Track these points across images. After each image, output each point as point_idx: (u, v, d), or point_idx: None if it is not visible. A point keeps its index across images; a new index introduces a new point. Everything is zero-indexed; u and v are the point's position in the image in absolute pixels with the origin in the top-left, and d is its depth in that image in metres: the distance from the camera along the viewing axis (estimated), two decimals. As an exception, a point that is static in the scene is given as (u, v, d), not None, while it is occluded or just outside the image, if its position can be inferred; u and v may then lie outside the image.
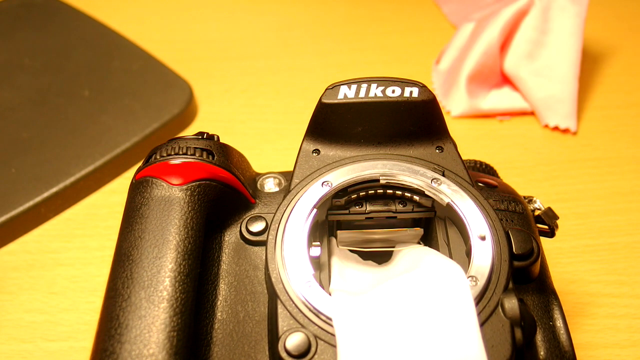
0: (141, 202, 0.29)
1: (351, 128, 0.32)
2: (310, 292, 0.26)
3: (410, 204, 0.31)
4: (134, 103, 0.53)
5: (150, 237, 0.27)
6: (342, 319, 0.25)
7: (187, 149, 0.31)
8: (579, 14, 0.56)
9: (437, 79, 0.60)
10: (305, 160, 0.32)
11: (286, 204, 0.30)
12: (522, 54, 0.56)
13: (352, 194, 0.31)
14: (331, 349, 0.24)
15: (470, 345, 0.23)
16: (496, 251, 0.28)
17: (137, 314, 0.25)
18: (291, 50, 0.64)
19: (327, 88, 0.31)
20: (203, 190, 0.30)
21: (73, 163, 0.48)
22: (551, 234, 0.34)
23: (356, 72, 0.35)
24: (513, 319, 0.25)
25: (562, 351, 0.28)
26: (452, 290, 0.25)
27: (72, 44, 0.60)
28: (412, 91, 0.31)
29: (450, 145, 0.32)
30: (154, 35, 0.65)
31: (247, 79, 0.60)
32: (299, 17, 0.69)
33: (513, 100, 0.57)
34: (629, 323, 0.40)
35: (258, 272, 0.30)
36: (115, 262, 0.28)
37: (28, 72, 0.56)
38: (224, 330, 0.28)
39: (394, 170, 0.31)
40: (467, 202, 0.29)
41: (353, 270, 0.30)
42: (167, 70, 0.57)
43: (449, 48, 0.60)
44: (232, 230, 0.31)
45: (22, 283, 0.42)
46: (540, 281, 0.30)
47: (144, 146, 0.50)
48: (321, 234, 0.31)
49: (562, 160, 0.52)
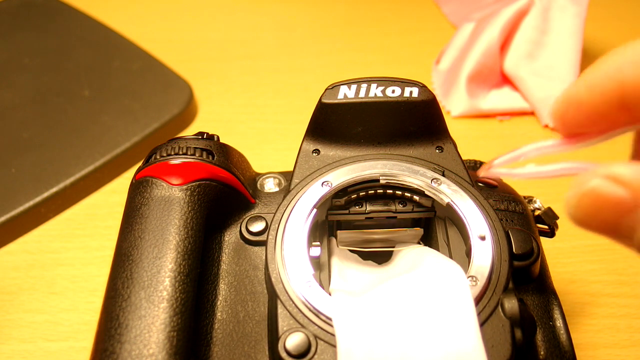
0: (141, 202, 0.29)
1: (351, 128, 0.32)
2: (310, 292, 0.26)
3: (410, 204, 0.31)
4: (134, 103, 0.53)
5: (150, 237, 0.27)
6: (342, 319, 0.25)
7: (187, 149, 0.31)
8: (579, 14, 0.56)
9: (437, 79, 0.60)
10: (305, 160, 0.32)
11: (286, 204, 0.30)
12: (522, 54, 0.56)
13: (352, 194, 0.31)
14: (331, 349, 0.24)
15: (470, 345, 0.23)
16: (496, 251, 0.28)
17: (137, 314, 0.25)
18: (291, 50, 0.64)
19: (327, 88, 0.31)
20: (203, 190, 0.30)
21: (73, 163, 0.48)
22: (551, 234, 0.34)
23: (356, 72, 0.35)
24: (513, 319, 0.25)
25: (562, 351, 0.28)
26: (452, 290, 0.25)
27: (72, 44, 0.60)
28: (412, 91, 0.31)
29: (450, 145, 0.32)
30: (154, 35, 0.65)
31: (247, 79, 0.60)
32: (299, 17, 0.69)
33: (513, 100, 0.57)
34: (629, 323, 0.40)
35: (258, 272, 0.30)
36: (115, 262, 0.28)
37: (28, 72, 0.56)
38: (224, 330, 0.28)
39: (394, 170, 0.31)
40: (467, 202, 0.29)
41: (353, 270, 0.30)
42: (167, 70, 0.57)
43: (449, 48, 0.60)
44: (232, 230, 0.31)
45: (22, 283, 0.42)
46: (540, 281, 0.30)
47: (144, 146, 0.50)
48: (321, 234, 0.31)
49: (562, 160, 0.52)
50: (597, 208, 0.18)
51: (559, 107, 0.21)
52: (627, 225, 0.18)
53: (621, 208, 0.18)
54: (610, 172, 0.18)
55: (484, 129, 0.55)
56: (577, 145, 0.21)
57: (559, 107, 0.21)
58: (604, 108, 0.19)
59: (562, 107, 0.20)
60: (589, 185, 0.18)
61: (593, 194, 0.18)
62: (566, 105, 0.20)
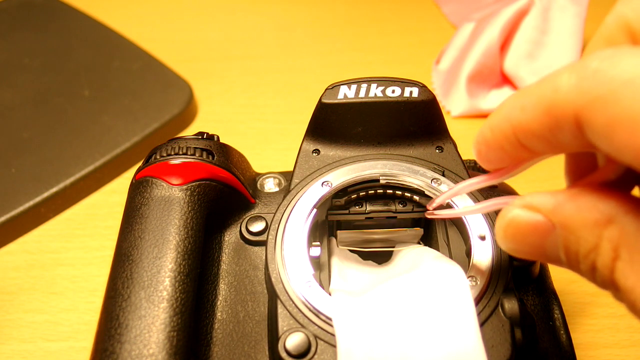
0: (141, 202, 0.29)
1: (351, 128, 0.32)
2: (310, 292, 0.26)
3: (410, 204, 0.31)
4: (134, 103, 0.53)
5: (150, 237, 0.27)
6: (342, 319, 0.25)
7: (187, 149, 0.31)
8: (579, 14, 0.56)
9: (437, 79, 0.60)
10: (305, 160, 0.32)
11: (286, 204, 0.30)
12: (522, 54, 0.56)
13: (352, 194, 0.31)
14: (331, 349, 0.24)
15: (470, 345, 0.23)
16: (496, 251, 0.28)
17: (137, 314, 0.25)
18: (291, 50, 0.64)
19: (327, 88, 0.32)
20: (203, 190, 0.30)
21: (73, 163, 0.48)
22: (551, 234, 0.34)
23: (356, 72, 0.35)
24: (513, 319, 0.25)
25: (562, 351, 0.28)
26: (452, 290, 0.25)
27: (72, 44, 0.60)
28: (412, 91, 0.31)
29: (450, 145, 0.32)
30: (154, 35, 0.65)
31: (247, 79, 0.60)
32: (299, 17, 0.69)
33: (513, 100, 0.57)
34: (629, 323, 0.40)
35: (258, 272, 0.30)
36: (115, 262, 0.28)
37: (28, 72, 0.56)
38: (224, 330, 0.28)
39: (394, 170, 0.31)
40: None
41: (353, 270, 0.30)
42: (167, 70, 0.57)
43: (449, 48, 0.60)
44: (232, 230, 0.31)
45: (22, 283, 0.42)
46: (540, 281, 0.30)
47: (144, 146, 0.50)
48: (321, 234, 0.31)
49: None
50: (521, 235, 0.20)
51: (475, 147, 0.23)
52: (551, 246, 0.20)
53: (541, 231, 0.20)
54: (526, 202, 0.20)
55: (484, 129, 0.55)
56: (500, 179, 0.24)
57: (474, 147, 0.23)
58: (507, 146, 0.21)
59: (477, 146, 0.23)
60: (509, 216, 0.21)
61: (514, 223, 0.20)
62: (479, 145, 0.22)
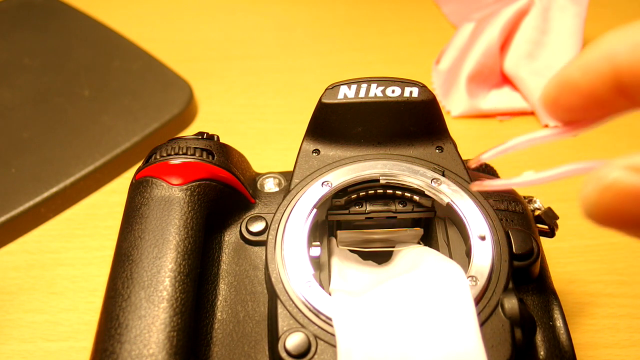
0: (141, 202, 0.29)
1: (351, 128, 0.32)
2: (310, 292, 0.26)
3: (410, 204, 0.31)
4: (134, 103, 0.53)
5: (150, 237, 0.27)
6: (342, 319, 0.25)
7: (187, 149, 0.31)
8: (579, 14, 0.56)
9: (437, 79, 0.60)
10: (305, 160, 0.32)
11: (286, 204, 0.30)
12: (522, 54, 0.56)
13: (352, 194, 0.31)
14: (331, 349, 0.24)
15: (470, 345, 0.23)
16: (496, 251, 0.28)
17: (137, 314, 0.25)
18: (291, 50, 0.64)
19: (327, 88, 0.31)
20: (203, 190, 0.30)
21: (73, 163, 0.48)
22: (551, 234, 0.34)
23: (356, 72, 0.35)
24: (513, 319, 0.25)
25: (562, 351, 0.28)
26: (452, 290, 0.25)
27: (72, 44, 0.60)
28: (412, 91, 0.31)
29: (450, 145, 0.32)
30: (154, 35, 0.65)
31: (247, 79, 0.60)
32: (299, 17, 0.69)
33: (513, 100, 0.57)
34: (629, 323, 0.40)
35: (258, 272, 0.30)
36: (115, 262, 0.28)
37: (28, 72, 0.56)
38: (224, 330, 0.28)
39: (394, 170, 0.31)
40: (467, 202, 0.29)
41: (353, 270, 0.30)
42: (167, 70, 0.57)
43: (449, 48, 0.60)
44: (232, 230, 0.31)
45: (22, 283, 0.42)
46: (540, 281, 0.30)
47: (144, 146, 0.50)
48: (321, 234, 0.31)
49: (562, 160, 0.52)
50: (620, 202, 0.17)
51: (551, 91, 0.19)
52: None
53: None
54: (632, 163, 0.16)
55: (484, 129, 0.55)
56: (572, 133, 0.20)
57: (551, 91, 0.19)
58: (600, 91, 0.17)
59: (555, 90, 0.19)
60: (609, 178, 0.17)
61: (615, 187, 0.17)
62: (559, 89, 0.19)
